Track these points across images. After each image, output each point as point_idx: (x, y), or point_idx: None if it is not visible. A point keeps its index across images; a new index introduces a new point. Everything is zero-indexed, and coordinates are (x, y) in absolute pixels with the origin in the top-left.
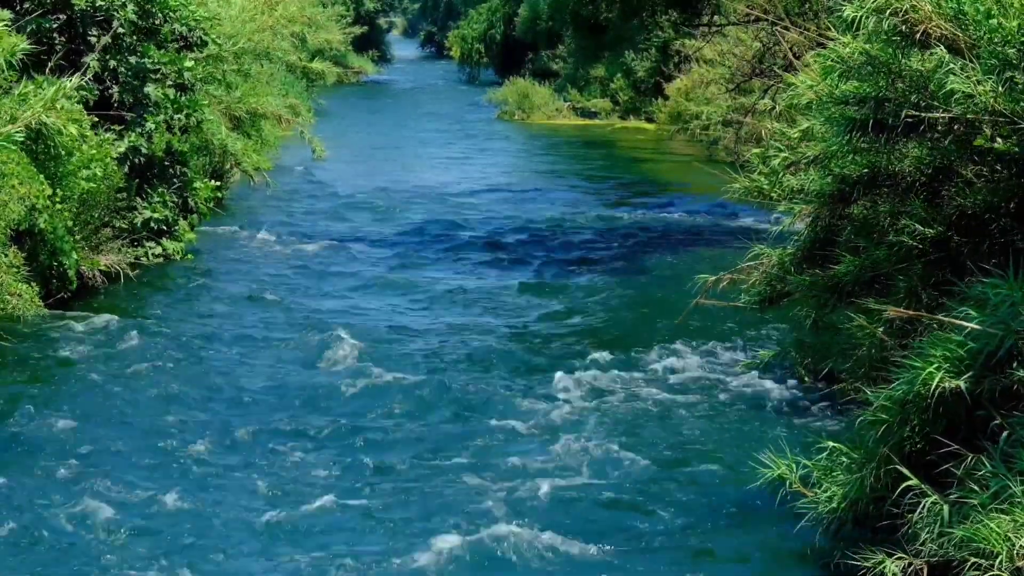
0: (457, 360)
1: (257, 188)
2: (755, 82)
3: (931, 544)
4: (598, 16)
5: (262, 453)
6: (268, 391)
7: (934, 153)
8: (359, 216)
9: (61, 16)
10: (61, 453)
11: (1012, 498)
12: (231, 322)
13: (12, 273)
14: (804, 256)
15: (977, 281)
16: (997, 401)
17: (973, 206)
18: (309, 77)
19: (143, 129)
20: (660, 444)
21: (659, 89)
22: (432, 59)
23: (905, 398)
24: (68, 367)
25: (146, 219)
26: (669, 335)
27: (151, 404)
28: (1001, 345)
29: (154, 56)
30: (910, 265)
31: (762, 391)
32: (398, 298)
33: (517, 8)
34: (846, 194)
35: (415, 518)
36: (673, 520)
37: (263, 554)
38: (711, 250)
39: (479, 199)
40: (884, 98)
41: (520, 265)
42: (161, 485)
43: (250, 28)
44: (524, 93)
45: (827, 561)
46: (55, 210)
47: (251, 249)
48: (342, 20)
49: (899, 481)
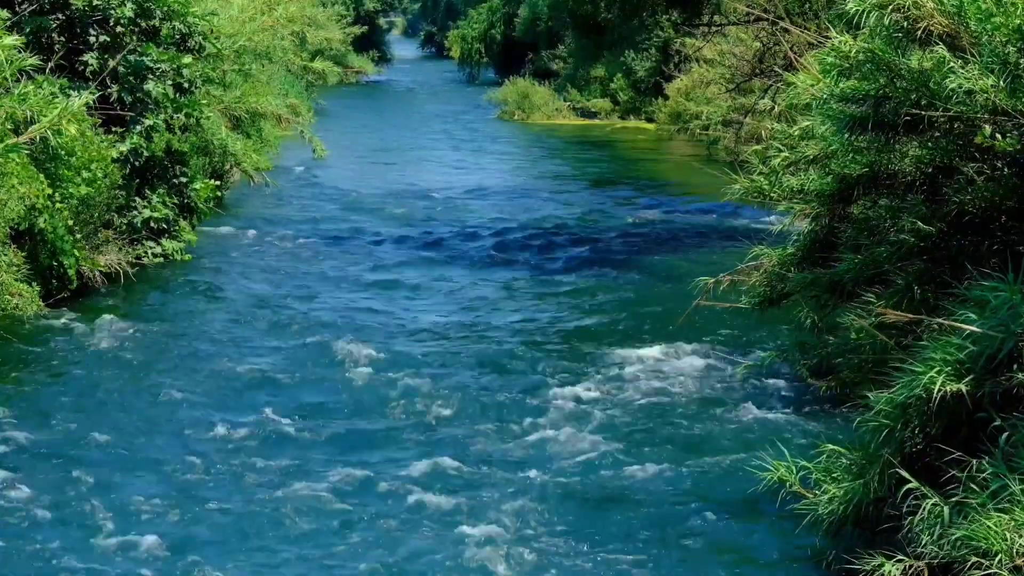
0: (457, 360)
1: (257, 188)
2: (755, 82)
3: (931, 546)
4: (598, 16)
5: (262, 452)
6: (268, 391)
7: (934, 151)
8: (359, 216)
9: (60, 16)
10: (61, 452)
11: (1012, 498)
12: (231, 322)
13: (12, 273)
14: (804, 256)
15: (977, 284)
16: (998, 403)
17: (973, 205)
18: (309, 77)
19: (143, 128)
20: (660, 445)
21: (659, 89)
22: (432, 59)
23: (906, 401)
24: (68, 366)
25: (146, 219)
26: (669, 336)
27: (151, 404)
28: (1001, 348)
29: (153, 54)
30: (910, 263)
31: (762, 392)
32: (398, 298)
33: (517, 8)
34: (846, 194)
35: (415, 518)
36: (672, 521)
37: (264, 554)
38: (711, 250)
39: (478, 199)
40: (884, 96)
41: (520, 265)
42: (161, 484)
43: (250, 28)
44: (524, 93)
45: (826, 563)
46: (55, 210)
47: (251, 249)
48: (342, 20)
49: (899, 483)
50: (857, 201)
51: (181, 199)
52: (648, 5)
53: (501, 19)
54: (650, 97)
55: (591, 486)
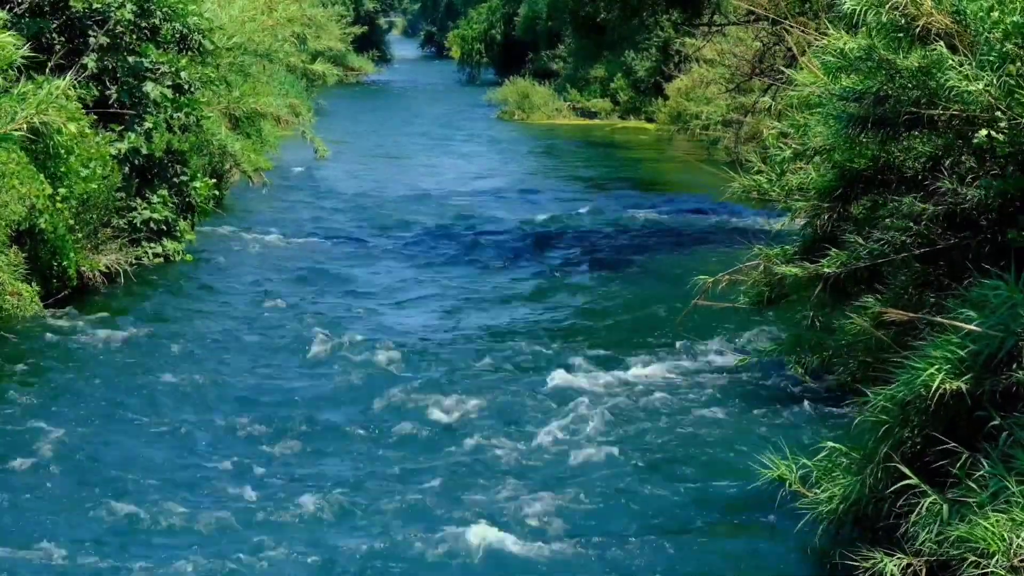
0: (456, 359)
1: (257, 188)
2: (755, 82)
3: (930, 544)
4: (598, 16)
5: (261, 451)
6: (268, 390)
7: (934, 149)
8: (359, 216)
9: (59, 17)
10: (60, 452)
11: (1010, 498)
12: (230, 322)
13: (12, 272)
14: (805, 255)
15: (976, 283)
16: (997, 402)
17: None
18: (309, 77)
19: (142, 128)
20: (659, 444)
21: (659, 89)
22: (432, 59)
23: (905, 399)
24: (67, 366)
25: (146, 219)
26: (669, 335)
27: (151, 403)
28: (1001, 347)
29: (152, 55)
30: (907, 261)
31: (761, 391)
32: (398, 297)
33: (517, 8)
34: (848, 190)
35: (415, 517)
36: (671, 520)
37: (264, 553)
38: (711, 250)
39: (478, 199)
40: (884, 94)
41: (519, 265)
42: (161, 484)
43: (250, 28)
44: (524, 93)
45: (826, 561)
46: (55, 210)
47: (251, 249)
48: (342, 20)
49: (899, 481)
50: (858, 199)
51: (181, 199)
52: (648, 5)
53: (501, 19)
54: (650, 97)
55: (590, 485)
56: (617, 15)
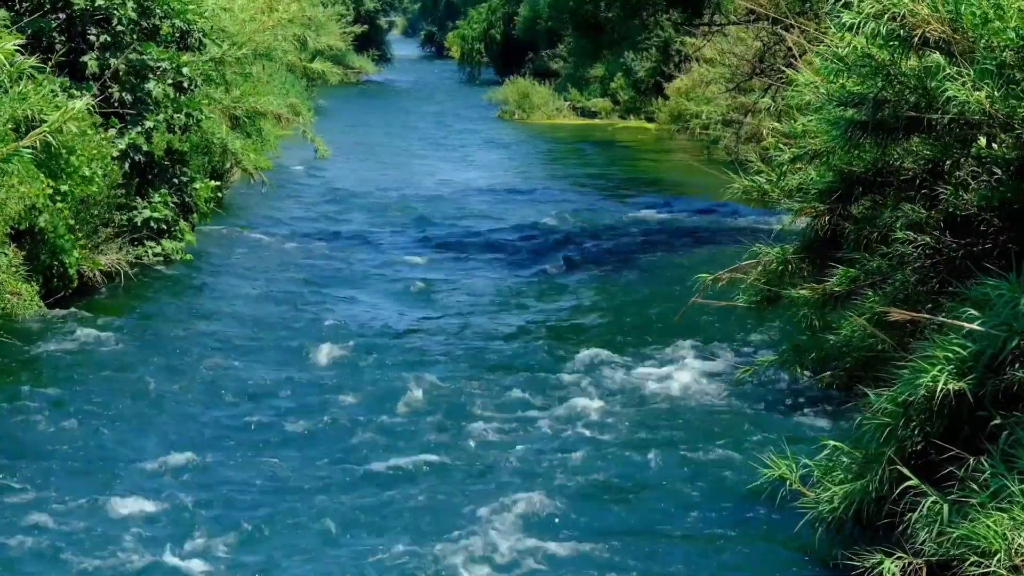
0: (457, 359)
1: (257, 188)
2: (755, 82)
3: (930, 544)
4: (598, 16)
5: (261, 451)
6: (268, 390)
7: (933, 153)
8: (359, 216)
9: (61, 16)
10: (60, 451)
11: (1011, 497)
12: (230, 322)
13: (12, 272)
14: (805, 254)
15: (978, 283)
16: (999, 402)
17: (972, 207)
18: (309, 77)
19: (143, 127)
20: (659, 443)
21: (659, 89)
22: (432, 59)
23: (907, 399)
24: (67, 366)
25: (146, 219)
26: (668, 334)
27: (151, 403)
28: (1004, 347)
29: (153, 53)
30: (907, 266)
31: (762, 390)
32: (399, 297)
33: (517, 8)
34: (848, 191)
35: (415, 517)
36: (672, 519)
37: (264, 553)
38: (711, 250)
39: (479, 199)
40: (883, 99)
41: (519, 265)
42: (161, 483)
43: (251, 28)
44: (524, 93)
45: (827, 561)
46: (55, 209)
47: (251, 249)
48: (342, 20)
49: (900, 481)
50: (859, 200)
51: (182, 199)
52: (648, 5)
53: (501, 19)
54: (650, 97)
55: (591, 484)
56: (617, 14)
